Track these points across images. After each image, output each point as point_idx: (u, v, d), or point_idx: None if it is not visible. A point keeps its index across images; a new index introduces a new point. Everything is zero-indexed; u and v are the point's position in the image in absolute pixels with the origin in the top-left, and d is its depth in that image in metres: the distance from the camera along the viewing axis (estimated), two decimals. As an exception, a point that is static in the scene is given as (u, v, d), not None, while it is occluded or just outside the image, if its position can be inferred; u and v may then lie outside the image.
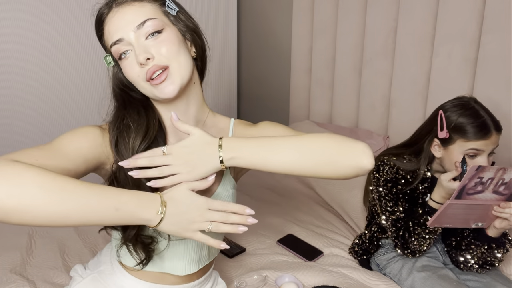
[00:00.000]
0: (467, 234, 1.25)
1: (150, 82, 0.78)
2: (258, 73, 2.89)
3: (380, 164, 1.31)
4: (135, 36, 0.78)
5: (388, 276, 1.35)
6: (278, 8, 2.61)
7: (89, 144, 0.78)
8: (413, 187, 1.28)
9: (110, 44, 0.81)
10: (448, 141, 1.19)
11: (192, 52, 0.86)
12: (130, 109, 0.85)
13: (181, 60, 0.80)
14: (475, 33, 1.58)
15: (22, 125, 2.16)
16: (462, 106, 1.19)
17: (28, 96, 2.14)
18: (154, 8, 0.81)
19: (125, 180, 0.79)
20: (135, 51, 0.78)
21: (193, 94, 0.87)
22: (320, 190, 1.93)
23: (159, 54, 0.78)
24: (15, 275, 1.31)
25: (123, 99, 0.87)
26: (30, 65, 2.13)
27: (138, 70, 0.79)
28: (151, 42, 0.78)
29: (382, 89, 1.98)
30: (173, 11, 0.83)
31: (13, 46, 2.08)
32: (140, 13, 0.79)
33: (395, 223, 1.27)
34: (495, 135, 1.15)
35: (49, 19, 2.13)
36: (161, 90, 0.79)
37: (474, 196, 1.08)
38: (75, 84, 2.22)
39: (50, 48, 2.16)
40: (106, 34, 0.82)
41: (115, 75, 0.87)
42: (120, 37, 0.79)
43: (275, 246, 1.52)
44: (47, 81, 2.17)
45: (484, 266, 1.22)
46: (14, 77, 2.11)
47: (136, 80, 0.80)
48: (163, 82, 0.78)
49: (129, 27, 0.78)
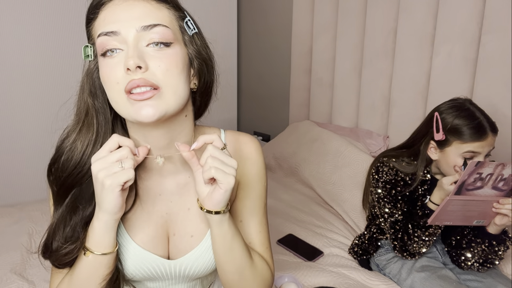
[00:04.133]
0: (467, 233, 1.25)
1: (128, 95, 0.61)
2: (258, 73, 2.89)
3: (379, 165, 1.31)
4: (135, 37, 0.62)
5: (387, 276, 1.35)
6: (278, 8, 2.61)
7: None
8: (413, 189, 1.28)
9: (99, 34, 0.64)
10: (444, 143, 1.19)
11: (192, 84, 0.71)
12: (95, 123, 0.70)
13: (179, 87, 0.65)
14: (475, 33, 1.58)
15: (22, 123, 2.16)
16: (458, 107, 1.19)
17: (28, 95, 2.14)
18: (171, 17, 0.67)
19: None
20: (128, 52, 0.62)
21: (182, 128, 0.72)
22: (320, 190, 1.93)
23: (154, 69, 0.62)
24: (15, 275, 1.32)
25: (86, 112, 0.71)
26: (30, 64, 2.13)
27: (121, 75, 0.62)
28: (152, 52, 0.63)
29: (382, 89, 1.98)
30: (191, 31, 0.69)
31: (13, 45, 2.08)
32: (153, 14, 0.64)
33: (393, 225, 1.27)
34: (491, 136, 1.15)
35: (49, 18, 2.13)
36: (138, 109, 0.62)
37: (474, 192, 1.09)
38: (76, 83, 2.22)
39: (50, 47, 2.16)
40: (99, 20, 0.65)
41: (89, 72, 0.70)
42: (116, 29, 0.62)
43: (275, 246, 1.52)
44: (47, 80, 2.17)
45: (484, 264, 1.22)
46: (14, 76, 2.11)
47: (112, 86, 0.63)
48: (145, 100, 0.61)
49: (133, 23, 0.63)
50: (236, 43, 2.88)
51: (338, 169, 1.90)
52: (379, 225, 1.39)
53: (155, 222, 0.76)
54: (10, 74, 2.10)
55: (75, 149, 0.70)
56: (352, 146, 1.93)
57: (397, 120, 1.91)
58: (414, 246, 1.22)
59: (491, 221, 1.16)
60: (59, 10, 2.13)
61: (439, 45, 1.69)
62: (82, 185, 0.71)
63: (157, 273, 0.76)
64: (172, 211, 0.77)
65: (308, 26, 2.32)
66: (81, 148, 0.69)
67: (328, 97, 2.30)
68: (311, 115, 2.41)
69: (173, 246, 0.77)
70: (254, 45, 2.87)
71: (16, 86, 2.12)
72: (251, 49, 2.91)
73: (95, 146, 0.70)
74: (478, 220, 1.16)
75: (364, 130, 2.06)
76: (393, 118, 1.93)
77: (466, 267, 1.25)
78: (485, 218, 1.16)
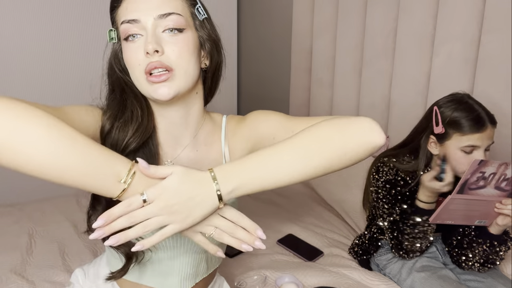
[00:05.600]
0: (468, 233, 1.25)
1: (147, 76, 0.72)
2: (258, 73, 2.89)
3: (379, 165, 1.32)
4: (153, 24, 0.72)
5: (388, 276, 1.35)
6: (278, 8, 2.61)
7: (91, 121, 0.75)
8: (413, 189, 1.28)
9: (122, 21, 0.74)
10: (444, 137, 1.20)
11: (203, 64, 0.81)
12: (130, 101, 0.79)
13: (189, 68, 0.75)
14: (475, 33, 1.58)
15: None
16: (456, 101, 1.21)
17: (28, 95, 2.14)
18: (183, 5, 0.76)
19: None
20: (147, 38, 0.72)
21: (193, 104, 0.82)
22: (320, 190, 1.93)
23: (169, 53, 0.72)
24: (15, 275, 1.32)
25: (121, 88, 0.80)
26: (29, 63, 2.13)
27: (142, 58, 0.72)
28: (167, 37, 0.73)
29: (382, 89, 1.98)
30: (201, 16, 0.78)
31: (13, 44, 2.08)
32: (168, 3, 0.74)
33: (391, 225, 1.27)
34: (490, 128, 1.16)
35: (49, 17, 2.13)
36: (156, 89, 0.72)
37: (476, 191, 1.09)
38: (76, 81, 2.22)
39: (49, 45, 2.16)
40: (122, 8, 0.75)
41: (115, 52, 0.80)
42: (137, 17, 0.72)
43: (275, 246, 1.52)
44: (47, 78, 2.17)
45: (485, 264, 1.22)
46: (14, 76, 2.11)
47: (135, 67, 0.74)
48: (161, 82, 0.72)
49: (151, 12, 0.72)
50: (236, 43, 2.88)
51: (338, 169, 1.90)
52: (379, 225, 1.39)
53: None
54: (10, 73, 2.10)
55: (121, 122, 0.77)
56: (352, 146, 1.93)
57: (397, 120, 1.91)
58: (406, 243, 1.23)
59: (493, 221, 1.16)
60: (59, 8, 2.13)
61: (439, 45, 1.69)
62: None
63: (165, 241, 0.82)
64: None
65: (308, 26, 2.32)
66: (127, 122, 0.77)
67: (328, 97, 2.30)
68: (311, 115, 2.40)
69: None
70: (254, 45, 2.87)
71: (16, 86, 2.12)
72: (251, 49, 2.91)
73: (143, 114, 0.78)
74: (480, 220, 1.16)
75: (364, 130, 2.06)
76: (393, 118, 1.93)
77: (467, 267, 1.25)
78: (487, 218, 1.16)
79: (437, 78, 1.72)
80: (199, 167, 0.70)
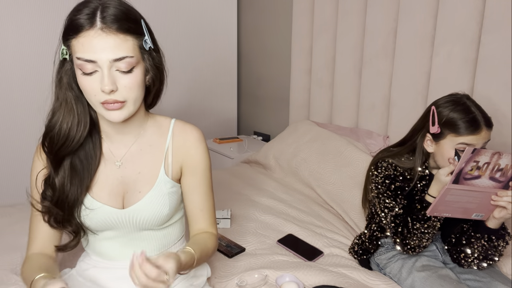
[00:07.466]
0: (466, 229, 1.26)
1: (103, 104, 0.86)
2: (258, 73, 2.89)
3: (378, 162, 1.33)
4: (108, 65, 0.83)
5: (388, 275, 1.35)
6: (278, 8, 2.61)
7: (42, 172, 0.97)
8: (412, 185, 1.29)
9: (78, 57, 0.83)
10: (439, 136, 1.22)
11: (147, 82, 0.93)
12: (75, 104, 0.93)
13: (138, 97, 0.90)
14: (475, 33, 1.58)
15: (22, 123, 2.16)
16: (454, 102, 1.22)
17: (29, 96, 2.14)
18: (134, 43, 0.86)
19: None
20: (104, 79, 0.83)
21: (134, 114, 0.95)
22: (320, 190, 1.93)
23: (122, 89, 0.85)
24: (15, 275, 1.31)
25: (67, 102, 0.93)
26: (30, 64, 2.13)
27: (98, 90, 0.84)
28: (120, 75, 0.85)
29: (382, 89, 1.99)
30: (147, 46, 0.89)
31: (13, 45, 2.08)
32: (122, 47, 0.83)
33: (394, 219, 1.27)
34: (485, 131, 1.17)
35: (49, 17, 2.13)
36: (110, 114, 0.87)
37: (471, 181, 1.10)
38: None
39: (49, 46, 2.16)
40: (77, 43, 0.83)
41: (66, 70, 0.90)
42: (94, 59, 0.82)
43: (275, 246, 1.52)
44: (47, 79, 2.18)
45: (484, 261, 1.23)
46: (14, 77, 2.11)
47: (91, 96, 0.86)
48: (114, 110, 0.87)
49: (107, 55, 0.82)
50: (236, 43, 2.88)
51: (338, 169, 1.90)
52: (379, 223, 1.39)
53: (111, 183, 1.00)
54: (10, 74, 2.10)
55: (62, 126, 0.92)
56: (352, 146, 1.93)
57: (397, 120, 1.91)
58: (414, 239, 1.23)
59: (490, 215, 1.17)
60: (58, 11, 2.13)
61: (439, 45, 1.69)
62: (74, 155, 0.96)
63: (113, 222, 1.00)
64: (125, 174, 1.01)
65: (308, 26, 2.33)
66: (67, 127, 0.92)
67: (328, 97, 2.30)
68: (311, 115, 2.41)
69: (126, 201, 1.00)
70: (254, 45, 2.88)
71: (16, 87, 2.12)
72: (251, 49, 2.91)
73: (79, 127, 0.93)
74: (477, 214, 1.17)
75: (364, 130, 2.07)
76: (393, 118, 1.93)
77: (467, 264, 1.25)
78: (484, 211, 1.17)
79: (437, 78, 1.73)
80: (144, 163, 1.00)
